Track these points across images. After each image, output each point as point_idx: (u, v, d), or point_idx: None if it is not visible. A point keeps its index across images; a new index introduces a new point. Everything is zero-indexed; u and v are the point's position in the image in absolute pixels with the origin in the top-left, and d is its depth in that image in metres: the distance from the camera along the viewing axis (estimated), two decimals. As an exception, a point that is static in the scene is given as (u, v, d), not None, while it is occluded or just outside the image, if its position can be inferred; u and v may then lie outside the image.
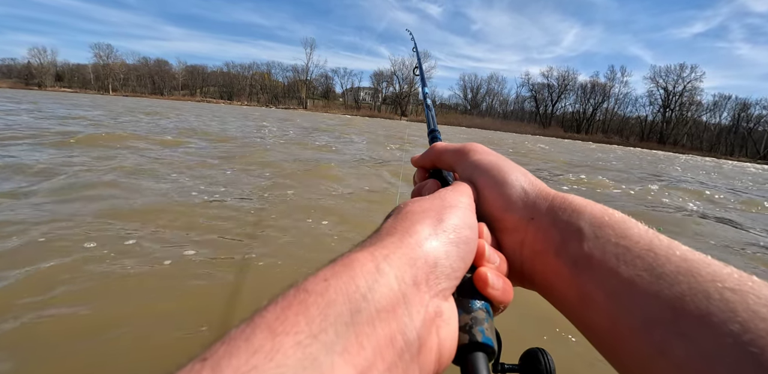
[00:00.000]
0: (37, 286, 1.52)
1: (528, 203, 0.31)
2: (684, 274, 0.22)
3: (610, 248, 0.25)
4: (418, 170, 0.44)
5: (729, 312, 0.19)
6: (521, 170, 0.34)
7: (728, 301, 0.19)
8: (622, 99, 75.45)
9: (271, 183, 3.70)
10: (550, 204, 0.30)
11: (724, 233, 3.67)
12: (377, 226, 0.27)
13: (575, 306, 0.26)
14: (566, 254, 0.27)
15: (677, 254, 0.23)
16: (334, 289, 0.18)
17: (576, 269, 0.26)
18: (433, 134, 0.52)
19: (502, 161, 0.35)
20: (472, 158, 0.36)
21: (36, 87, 71.65)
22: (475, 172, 0.34)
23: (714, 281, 0.21)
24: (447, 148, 0.39)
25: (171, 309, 1.48)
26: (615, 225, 0.26)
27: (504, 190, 0.32)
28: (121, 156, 4.43)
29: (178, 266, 1.81)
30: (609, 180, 6.73)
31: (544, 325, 1.59)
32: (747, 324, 0.18)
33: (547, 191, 0.32)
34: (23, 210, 2.33)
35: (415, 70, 0.80)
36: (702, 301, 0.20)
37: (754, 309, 0.19)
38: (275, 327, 0.16)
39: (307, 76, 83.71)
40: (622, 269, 0.24)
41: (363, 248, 0.22)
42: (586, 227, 0.27)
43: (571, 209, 0.29)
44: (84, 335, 1.29)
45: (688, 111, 69.54)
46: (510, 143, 18.29)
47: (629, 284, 0.23)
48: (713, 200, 6.01)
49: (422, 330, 0.20)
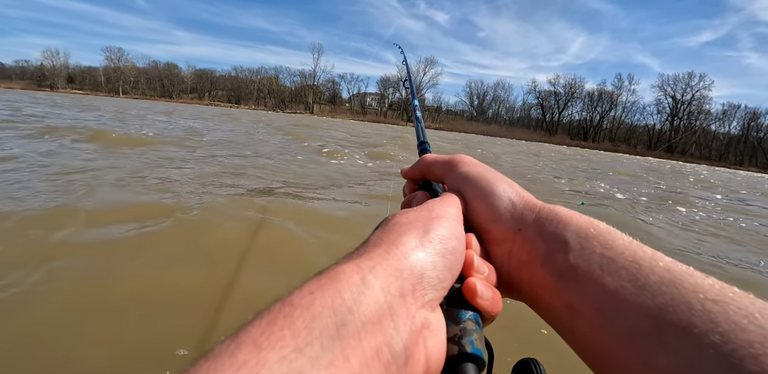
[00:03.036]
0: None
1: (515, 215, 0.31)
2: (667, 285, 0.22)
3: (595, 259, 0.25)
4: (407, 181, 0.44)
5: (710, 323, 0.19)
6: (509, 181, 0.34)
7: (710, 312, 0.20)
8: (629, 107, 75.07)
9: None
10: (537, 215, 0.30)
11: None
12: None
13: (561, 316, 0.26)
14: (552, 265, 0.27)
15: (660, 265, 0.23)
16: (320, 302, 0.18)
17: (562, 280, 0.26)
18: (423, 145, 0.53)
19: (490, 172, 0.35)
20: (460, 170, 0.36)
21: (48, 88, 72.81)
22: (464, 183, 0.35)
23: (696, 292, 0.21)
24: (436, 160, 0.40)
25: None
26: (600, 236, 0.27)
27: (491, 201, 0.32)
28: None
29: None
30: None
31: (536, 335, 1.53)
32: (728, 335, 0.18)
33: (534, 202, 0.32)
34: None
35: (404, 82, 0.82)
36: (684, 312, 0.20)
37: (735, 319, 0.19)
38: (260, 342, 0.16)
39: (314, 81, 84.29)
40: (607, 281, 0.24)
41: (349, 260, 0.22)
42: (572, 239, 0.27)
43: (558, 220, 0.29)
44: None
45: (697, 120, 69.01)
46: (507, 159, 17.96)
47: (613, 295, 0.23)
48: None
49: (409, 341, 0.20)
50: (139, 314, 1.43)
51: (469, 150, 13.72)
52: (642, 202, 5.64)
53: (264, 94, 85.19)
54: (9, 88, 64.16)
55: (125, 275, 1.69)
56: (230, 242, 2.14)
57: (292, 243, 2.28)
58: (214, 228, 2.34)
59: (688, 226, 4.32)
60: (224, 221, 2.46)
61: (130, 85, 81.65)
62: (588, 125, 75.78)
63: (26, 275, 1.61)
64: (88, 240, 2.00)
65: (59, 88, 75.18)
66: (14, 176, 3.13)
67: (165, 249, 1.98)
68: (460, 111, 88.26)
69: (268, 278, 1.79)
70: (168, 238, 2.12)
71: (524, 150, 15.48)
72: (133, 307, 1.48)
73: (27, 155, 4.10)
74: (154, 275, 1.71)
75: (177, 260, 1.88)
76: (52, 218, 2.24)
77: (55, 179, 3.17)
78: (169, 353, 1.23)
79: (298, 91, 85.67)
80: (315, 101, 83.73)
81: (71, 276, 1.64)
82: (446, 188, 0.38)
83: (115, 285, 1.60)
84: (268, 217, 2.60)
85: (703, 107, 68.25)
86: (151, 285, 1.63)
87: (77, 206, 2.47)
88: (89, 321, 1.37)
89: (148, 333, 1.34)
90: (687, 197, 6.80)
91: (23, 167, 3.49)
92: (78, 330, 1.31)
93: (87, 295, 1.51)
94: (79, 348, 1.22)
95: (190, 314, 1.47)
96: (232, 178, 3.92)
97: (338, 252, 0.24)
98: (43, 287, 1.54)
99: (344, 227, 2.66)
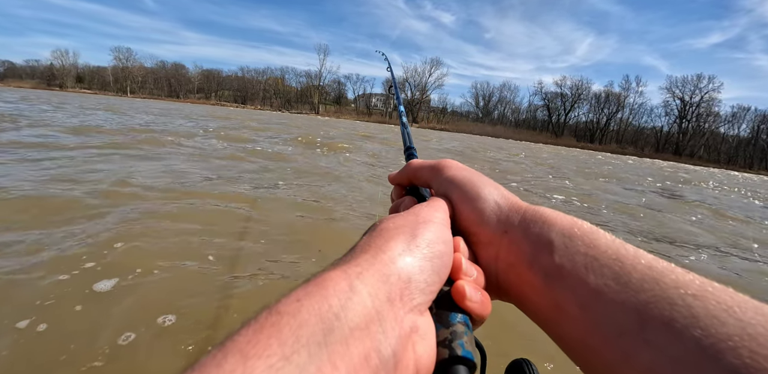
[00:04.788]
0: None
1: (501, 217, 0.31)
2: (649, 282, 0.22)
3: (579, 259, 0.25)
4: (395, 187, 0.45)
5: (691, 318, 0.20)
6: (494, 184, 0.35)
7: (690, 307, 0.20)
8: (637, 109, 74.49)
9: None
10: (522, 217, 0.30)
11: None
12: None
13: (549, 316, 0.26)
14: (538, 265, 0.27)
15: (643, 263, 0.24)
16: (307, 309, 0.18)
17: (548, 280, 0.26)
18: (410, 151, 0.53)
19: (476, 176, 0.35)
20: (446, 174, 0.36)
21: (57, 88, 73.72)
22: (450, 187, 0.35)
23: (677, 288, 0.21)
24: (423, 165, 0.40)
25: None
26: (584, 236, 0.27)
27: (477, 204, 0.32)
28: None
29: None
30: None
31: (528, 336, 1.49)
32: (708, 329, 0.19)
33: (519, 204, 0.32)
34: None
35: (390, 89, 0.83)
36: (666, 308, 0.20)
37: (714, 313, 0.19)
38: (247, 351, 0.16)
39: (320, 82, 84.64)
40: (591, 279, 0.24)
41: (337, 267, 0.22)
42: (557, 239, 0.27)
43: (542, 221, 0.29)
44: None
45: (705, 122, 68.24)
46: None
47: (598, 293, 0.23)
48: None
49: (398, 346, 0.20)
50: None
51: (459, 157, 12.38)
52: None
53: (270, 94, 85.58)
54: (19, 87, 65.10)
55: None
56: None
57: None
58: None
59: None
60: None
61: (137, 85, 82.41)
62: (595, 127, 75.21)
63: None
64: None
65: (68, 87, 76.05)
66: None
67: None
68: (465, 112, 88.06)
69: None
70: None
71: (532, 154, 14.15)
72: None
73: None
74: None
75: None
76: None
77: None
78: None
79: (304, 91, 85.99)
80: (320, 102, 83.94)
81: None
82: (433, 192, 0.38)
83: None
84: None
85: (711, 110, 67.49)
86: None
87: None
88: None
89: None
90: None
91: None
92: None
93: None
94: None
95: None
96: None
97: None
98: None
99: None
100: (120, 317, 1.38)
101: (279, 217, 2.67)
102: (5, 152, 3.99)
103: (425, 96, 79.43)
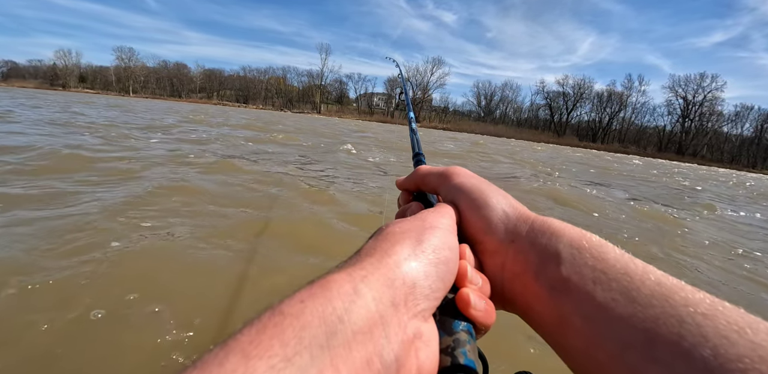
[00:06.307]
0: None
1: (509, 226, 0.31)
2: (658, 298, 0.22)
3: (587, 272, 0.25)
4: (402, 192, 0.45)
5: (700, 337, 0.19)
6: (502, 193, 0.35)
7: (700, 326, 0.20)
8: (639, 108, 74.11)
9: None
10: (530, 227, 0.30)
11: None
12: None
13: (553, 328, 0.26)
14: (544, 277, 0.27)
15: (652, 279, 0.23)
16: (310, 311, 0.18)
17: (554, 292, 0.26)
18: (418, 157, 0.54)
19: (484, 184, 0.35)
20: (454, 181, 0.36)
21: (60, 88, 73.93)
22: (458, 194, 0.35)
23: (687, 306, 0.21)
24: (431, 171, 0.40)
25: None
26: (592, 249, 0.26)
27: (485, 212, 0.32)
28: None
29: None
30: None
31: (531, 348, 1.48)
32: (718, 349, 0.18)
33: (528, 214, 0.32)
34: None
35: (400, 95, 0.84)
36: (675, 326, 0.20)
37: (724, 334, 0.19)
38: (249, 351, 0.16)
39: (322, 82, 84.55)
40: (598, 293, 0.24)
41: (341, 269, 0.22)
42: (565, 251, 0.27)
43: (550, 232, 0.29)
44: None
45: (708, 121, 67.86)
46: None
47: (605, 308, 0.23)
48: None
49: (400, 352, 0.20)
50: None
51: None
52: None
53: (272, 94, 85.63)
54: (23, 87, 65.36)
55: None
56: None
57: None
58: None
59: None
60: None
61: (140, 84, 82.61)
62: (597, 126, 74.94)
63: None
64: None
65: (71, 87, 76.30)
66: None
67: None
68: (467, 112, 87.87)
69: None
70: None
71: (534, 159, 10.83)
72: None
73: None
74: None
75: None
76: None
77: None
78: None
79: (306, 91, 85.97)
80: (322, 101, 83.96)
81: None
82: (441, 199, 0.38)
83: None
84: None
85: (715, 109, 67.15)
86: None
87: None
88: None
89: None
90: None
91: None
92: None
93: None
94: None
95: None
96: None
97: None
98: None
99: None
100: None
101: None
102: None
103: (427, 95, 79.42)
